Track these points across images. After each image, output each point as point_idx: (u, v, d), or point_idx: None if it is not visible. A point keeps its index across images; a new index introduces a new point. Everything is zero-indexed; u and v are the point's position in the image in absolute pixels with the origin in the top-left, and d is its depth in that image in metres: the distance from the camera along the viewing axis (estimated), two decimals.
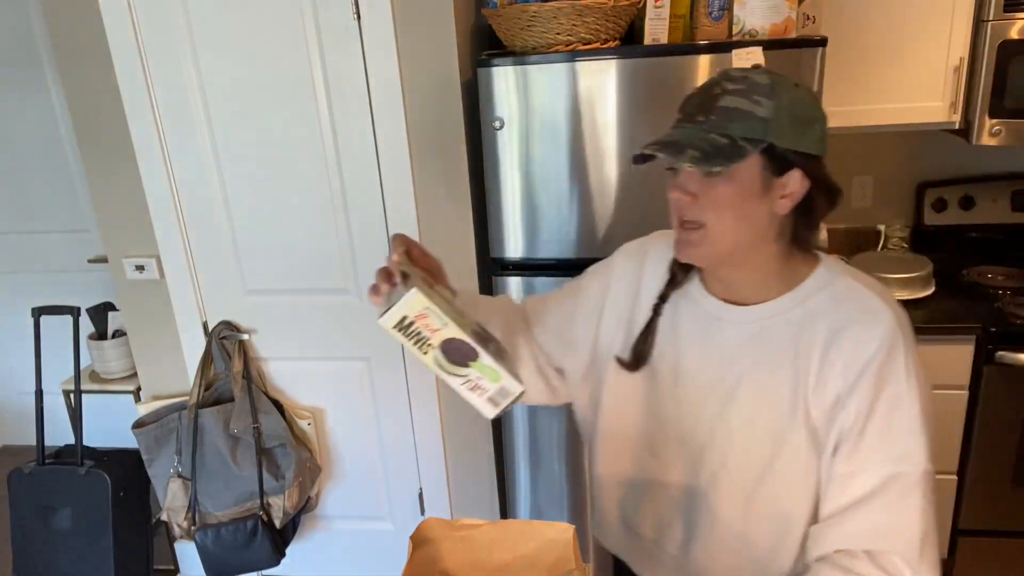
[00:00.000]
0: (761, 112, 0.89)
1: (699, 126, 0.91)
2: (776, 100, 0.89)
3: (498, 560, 0.82)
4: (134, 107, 2.00)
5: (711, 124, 0.90)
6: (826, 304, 0.97)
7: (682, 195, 0.93)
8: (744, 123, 0.89)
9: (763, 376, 0.98)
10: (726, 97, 0.91)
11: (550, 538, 0.81)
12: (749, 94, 0.90)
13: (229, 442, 2.12)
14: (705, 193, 0.92)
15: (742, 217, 0.93)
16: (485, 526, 0.83)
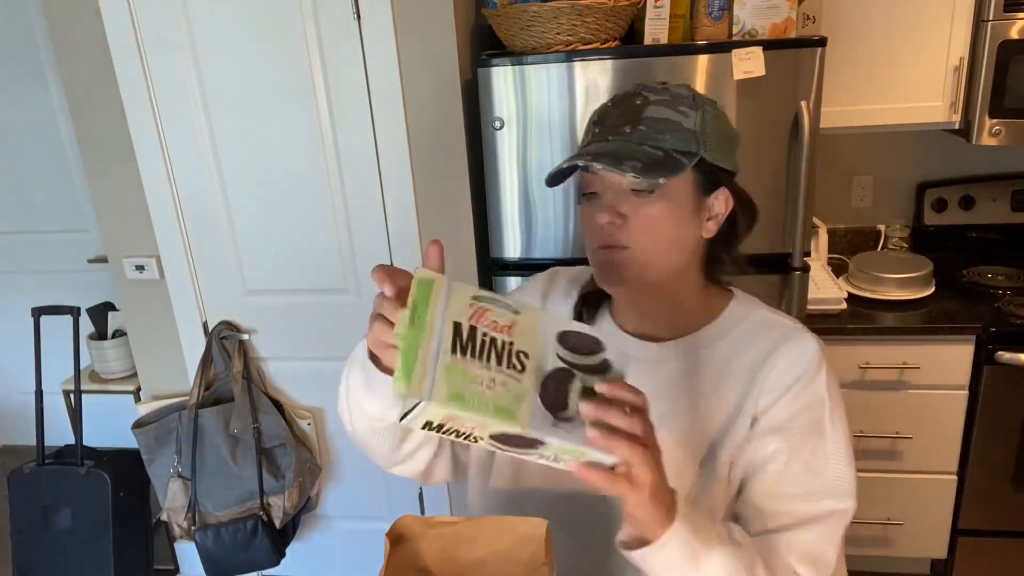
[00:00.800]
0: (688, 123, 0.84)
1: (627, 138, 0.84)
2: (700, 112, 0.85)
3: (474, 556, 0.83)
4: (134, 107, 2.00)
5: (641, 135, 0.83)
6: (748, 336, 0.92)
7: (613, 217, 0.84)
8: (675, 134, 0.83)
9: (683, 419, 0.90)
10: (651, 107, 0.84)
11: (524, 533, 0.81)
12: (674, 104, 0.84)
13: (229, 442, 2.12)
14: (636, 214, 0.84)
15: (674, 240, 0.87)
16: (461, 523, 0.83)
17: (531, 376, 0.65)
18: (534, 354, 0.66)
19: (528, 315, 0.67)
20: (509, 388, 0.64)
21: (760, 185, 1.78)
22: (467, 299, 0.66)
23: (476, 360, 0.63)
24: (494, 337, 0.65)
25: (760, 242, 1.84)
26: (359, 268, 2.09)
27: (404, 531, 0.83)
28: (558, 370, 0.66)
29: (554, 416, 0.65)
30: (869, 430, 2.14)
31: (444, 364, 0.62)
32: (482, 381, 0.63)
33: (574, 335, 0.68)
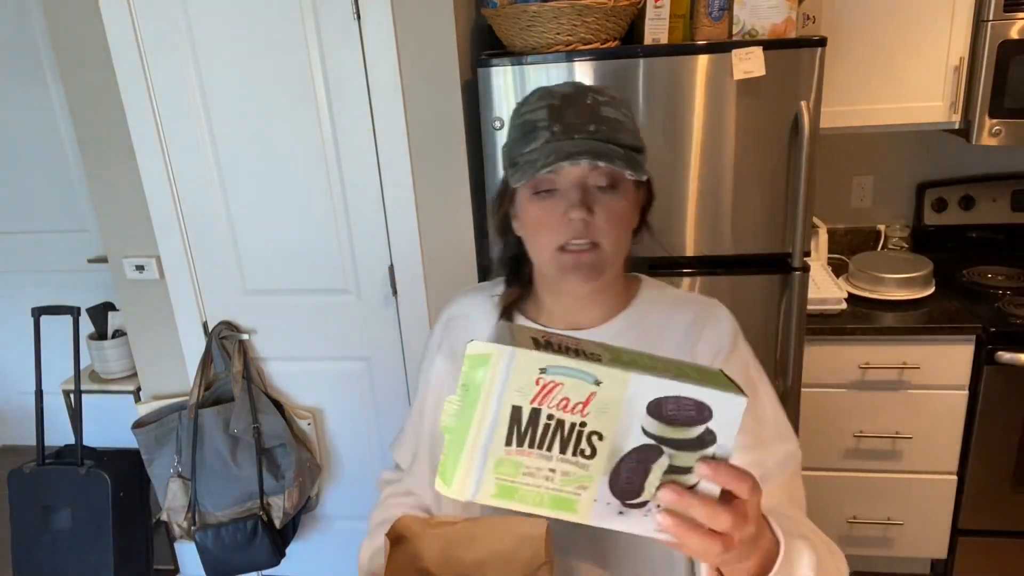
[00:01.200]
0: (630, 124, 0.88)
1: (593, 136, 0.84)
2: (631, 112, 0.89)
3: (474, 556, 0.83)
4: (134, 107, 2.00)
5: (604, 134, 0.85)
6: (667, 312, 0.98)
7: (586, 214, 0.85)
8: (626, 134, 0.86)
9: None
10: (602, 107, 0.86)
11: (524, 533, 0.81)
12: (616, 105, 0.87)
13: (229, 442, 2.12)
14: (604, 210, 0.87)
15: (628, 234, 0.92)
16: (461, 523, 0.83)
17: (602, 461, 0.56)
18: (610, 433, 0.56)
19: (612, 384, 0.54)
20: (572, 477, 0.56)
21: (760, 185, 1.78)
22: (533, 372, 0.54)
23: (535, 449, 0.56)
24: (561, 420, 0.55)
25: (760, 242, 1.84)
26: (359, 268, 2.09)
27: (404, 531, 0.83)
28: (640, 448, 0.56)
29: (622, 503, 0.57)
30: (869, 430, 2.14)
31: (495, 458, 0.55)
32: (539, 473, 0.56)
33: (672, 402, 0.55)
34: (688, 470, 0.57)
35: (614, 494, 0.56)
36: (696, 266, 1.86)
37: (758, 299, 1.86)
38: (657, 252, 1.76)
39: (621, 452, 0.56)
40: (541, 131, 0.86)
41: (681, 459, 0.56)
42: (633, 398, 0.55)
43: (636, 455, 0.56)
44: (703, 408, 0.55)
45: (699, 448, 0.56)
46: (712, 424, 0.56)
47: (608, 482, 0.56)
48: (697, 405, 0.55)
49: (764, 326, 1.88)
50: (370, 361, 2.19)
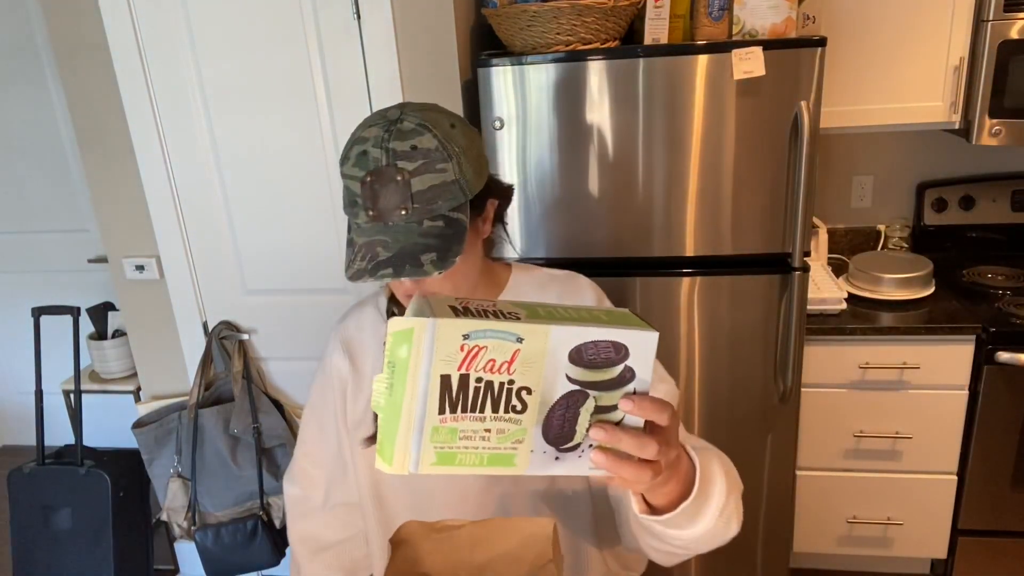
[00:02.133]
0: (449, 177, 0.85)
1: (407, 220, 0.85)
2: (455, 159, 0.86)
3: (480, 558, 0.82)
4: (134, 107, 2.00)
5: (418, 213, 0.84)
6: (539, 291, 1.05)
7: (412, 288, 0.91)
8: (445, 197, 0.85)
9: None
10: (413, 180, 0.84)
11: (530, 533, 0.81)
12: (431, 166, 0.85)
13: (229, 442, 2.12)
14: (438, 284, 0.91)
15: (475, 271, 0.97)
16: (467, 526, 0.83)
17: (533, 414, 0.59)
18: (538, 386, 0.58)
19: (534, 339, 0.57)
20: (507, 434, 0.58)
21: (760, 185, 1.78)
22: (457, 340, 0.55)
23: (468, 413, 0.57)
24: (489, 380, 0.57)
25: (760, 242, 1.84)
26: None
27: (407, 536, 0.82)
28: (567, 395, 0.59)
29: (557, 449, 0.60)
30: (869, 430, 2.14)
31: (431, 427, 0.56)
32: (475, 435, 0.58)
33: (591, 347, 0.58)
34: (613, 408, 0.60)
35: (548, 442, 0.59)
36: (696, 266, 1.86)
37: (758, 299, 1.86)
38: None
39: (550, 402, 0.58)
40: (360, 209, 0.86)
41: (606, 399, 0.60)
42: (555, 349, 0.57)
43: (564, 402, 0.59)
44: (620, 348, 0.58)
45: (621, 386, 0.59)
46: (630, 361, 0.59)
47: (541, 432, 0.59)
48: (614, 346, 0.58)
49: (764, 326, 1.88)
50: None
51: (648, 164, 1.77)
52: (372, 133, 0.86)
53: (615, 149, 1.79)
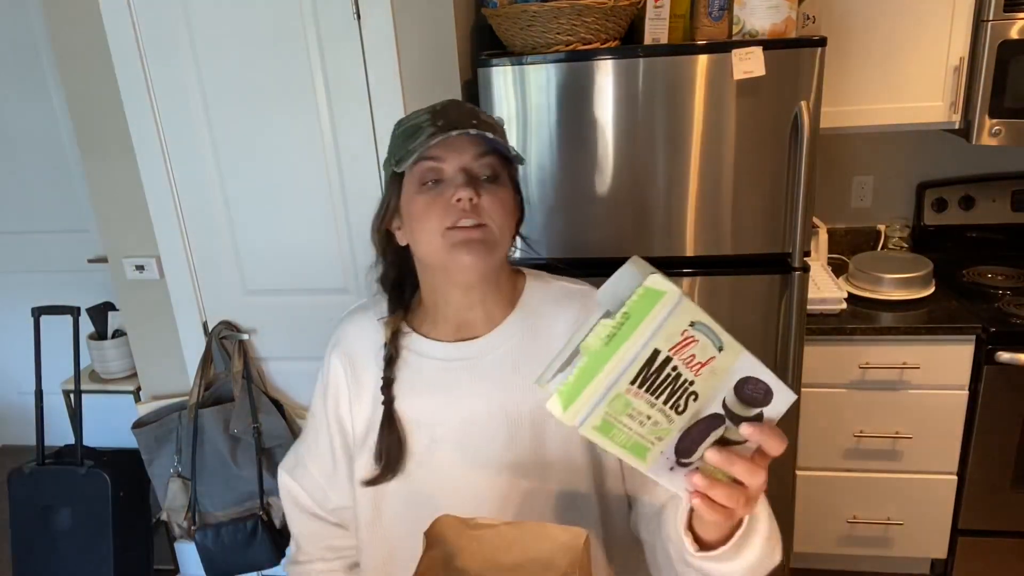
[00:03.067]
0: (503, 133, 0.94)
1: (478, 130, 0.88)
2: (501, 122, 0.97)
3: (512, 560, 0.82)
4: (134, 107, 2.00)
5: (486, 127, 0.90)
6: (556, 307, 0.99)
7: (472, 195, 0.88)
8: (503, 137, 0.92)
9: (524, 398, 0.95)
10: (481, 114, 0.93)
11: (563, 542, 0.81)
12: (492, 121, 0.94)
13: (229, 442, 2.12)
14: (489, 195, 0.91)
15: (513, 224, 0.95)
16: (501, 526, 0.83)
17: (685, 418, 0.61)
18: (704, 396, 0.60)
19: (729, 354, 0.59)
20: (659, 427, 0.60)
21: (760, 185, 1.78)
22: (685, 323, 0.57)
23: (647, 394, 0.59)
24: (680, 373, 0.59)
25: (760, 242, 1.84)
26: (359, 268, 2.09)
27: (443, 530, 0.83)
28: (713, 415, 0.61)
29: (677, 461, 0.62)
30: (869, 430, 2.14)
31: (615, 393, 0.58)
32: (638, 416, 0.59)
33: (754, 382, 0.61)
34: (737, 442, 0.63)
35: (676, 451, 0.61)
36: (696, 266, 1.86)
37: (758, 299, 1.86)
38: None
39: (701, 415, 0.61)
40: (425, 128, 0.90)
41: (733, 432, 0.62)
42: (736, 370, 0.60)
43: (708, 421, 0.61)
44: (769, 393, 0.61)
45: None
46: (768, 409, 0.62)
47: (676, 440, 0.61)
48: (767, 390, 0.61)
49: (764, 326, 1.88)
50: None
51: (648, 164, 1.77)
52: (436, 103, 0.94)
53: (615, 149, 1.79)
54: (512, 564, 0.82)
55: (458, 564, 0.82)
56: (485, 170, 0.91)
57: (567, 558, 0.80)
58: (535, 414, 0.95)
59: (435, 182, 0.91)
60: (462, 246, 0.89)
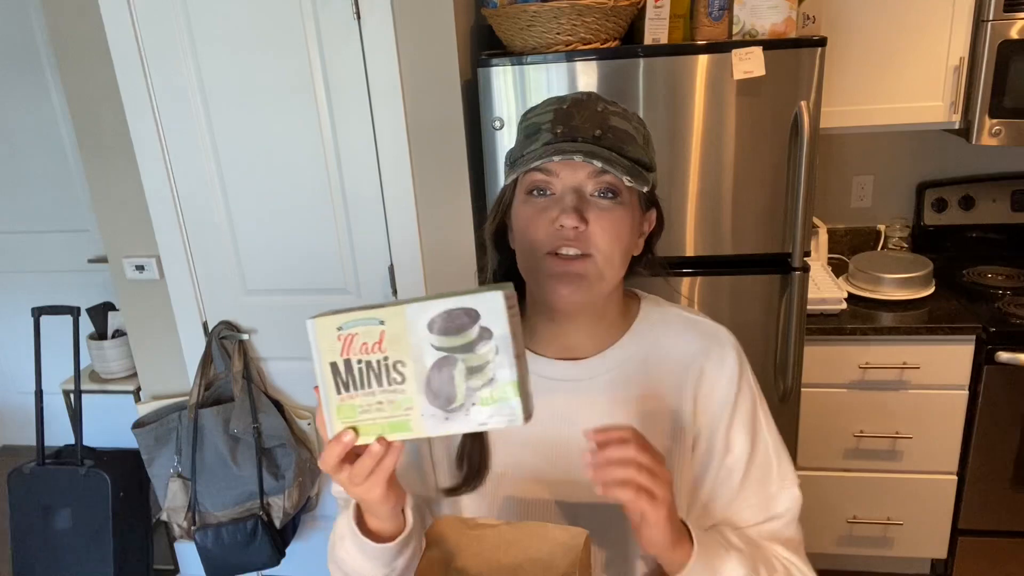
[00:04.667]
0: (639, 140, 0.84)
1: (598, 142, 0.81)
2: (645, 129, 0.85)
3: (511, 560, 0.82)
4: (134, 107, 2.00)
5: (610, 141, 0.81)
6: (672, 337, 0.93)
7: (579, 222, 0.80)
8: (633, 147, 0.83)
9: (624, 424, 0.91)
10: (612, 117, 0.82)
11: (563, 542, 0.81)
12: (627, 118, 0.84)
13: (229, 442, 2.12)
14: (600, 221, 0.82)
15: (626, 250, 0.85)
16: (501, 526, 0.83)
17: (412, 382, 0.67)
18: (409, 358, 0.66)
19: (393, 319, 0.66)
20: (397, 403, 0.67)
21: (760, 185, 1.78)
22: (333, 332, 0.68)
23: (360, 391, 0.67)
24: (368, 360, 0.66)
25: (760, 242, 1.84)
26: (359, 268, 2.09)
27: (443, 530, 0.83)
28: (437, 362, 0.66)
29: (444, 411, 0.67)
30: (869, 430, 2.14)
31: (334, 407, 0.68)
32: (371, 408, 0.67)
33: (442, 317, 0.65)
34: (483, 367, 0.66)
35: (435, 406, 0.67)
36: (696, 266, 1.86)
37: (758, 299, 1.86)
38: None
39: (425, 371, 0.66)
40: (544, 132, 0.83)
41: (472, 359, 0.66)
42: (413, 324, 0.65)
43: (437, 368, 0.66)
44: (471, 312, 0.65)
45: (481, 344, 0.66)
46: (483, 322, 0.65)
47: (426, 398, 0.67)
48: (466, 312, 0.65)
49: (764, 326, 1.88)
50: None
51: None
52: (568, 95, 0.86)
53: None
54: (512, 564, 0.82)
55: (458, 564, 0.82)
56: (600, 187, 0.82)
57: (567, 558, 0.80)
58: None
59: (541, 191, 0.84)
60: (560, 278, 0.83)
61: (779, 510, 0.93)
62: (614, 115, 0.83)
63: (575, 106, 0.83)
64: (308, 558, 2.45)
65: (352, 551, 0.83)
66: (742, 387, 0.93)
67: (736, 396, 0.92)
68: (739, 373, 0.93)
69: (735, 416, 0.91)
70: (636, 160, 0.83)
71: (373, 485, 0.72)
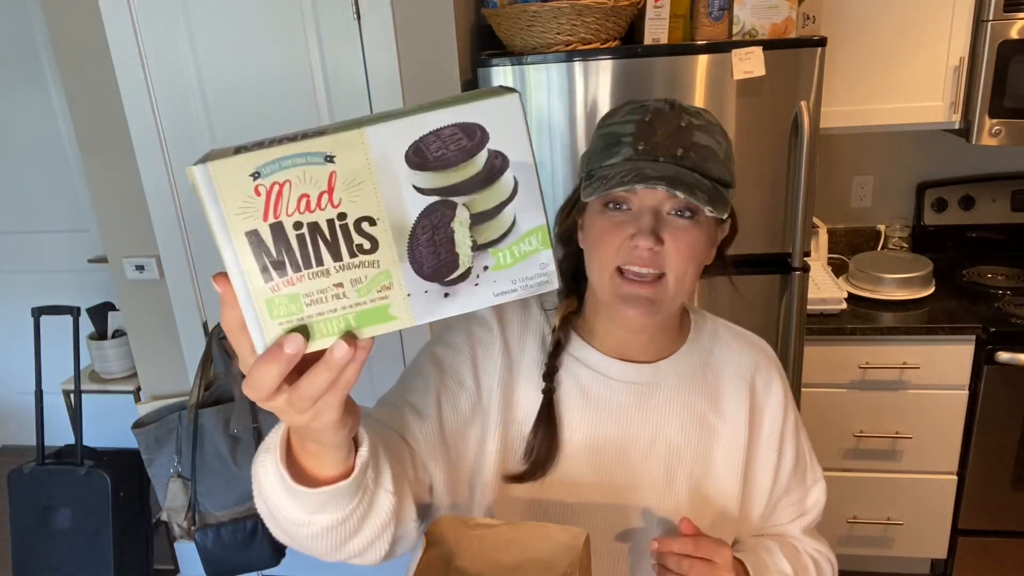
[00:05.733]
0: (721, 153, 0.82)
1: (679, 162, 0.79)
2: (727, 141, 0.83)
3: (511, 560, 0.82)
4: (134, 107, 2.00)
5: (692, 161, 0.79)
6: (724, 349, 0.96)
7: (655, 244, 0.79)
8: (716, 164, 0.81)
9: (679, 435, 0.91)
10: (696, 132, 0.80)
11: (562, 542, 0.80)
12: (711, 132, 0.81)
13: (229, 442, 2.12)
14: (675, 239, 0.80)
15: (698, 268, 0.84)
16: (501, 526, 0.83)
17: (388, 248, 0.45)
18: (381, 211, 0.44)
19: (348, 151, 0.43)
20: (367, 282, 0.45)
21: (760, 185, 1.78)
22: (246, 183, 0.43)
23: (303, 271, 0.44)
24: (313, 222, 0.43)
25: (760, 242, 1.84)
26: None
27: (443, 530, 0.82)
28: (425, 212, 0.45)
29: (442, 284, 0.46)
30: (869, 430, 2.14)
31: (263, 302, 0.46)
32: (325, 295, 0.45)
33: (432, 140, 0.43)
34: (497, 210, 0.45)
35: (427, 278, 0.46)
36: None
37: (758, 299, 1.86)
38: None
39: (408, 227, 0.45)
40: (624, 146, 0.80)
41: (480, 202, 0.45)
42: (382, 158, 0.43)
43: (427, 222, 0.45)
44: (472, 130, 0.44)
45: (493, 179, 0.45)
46: (492, 144, 0.44)
47: (412, 269, 0.46)
48: (463, 129, 0.43)
49: (764, 326, 1.88)
50: (369, 361, 2.19)
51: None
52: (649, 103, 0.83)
53: None
54: (512, 564, 0.81)
55: (458, 564, 0.82)
56: (679, 207, 0.81)
57: (567, 558, 0.79)
58: (698, 452, 0.91)
59: (618, 206, 0.82)
60: (629, 300, 0.81)
61: (810, 504, 1.00)
62: (698, 130, 0.81)
63: (657, 118, 0.81)
64: (308, 558, 2.43)
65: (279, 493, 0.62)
66: (788, 400, 0.96)
67: (785, 409, 0.96)
68: (786, 387, 0.97)
69: (785, 430, 0.95)
70: (717, 179, 0.81)
71: (325, 408, 0.51)
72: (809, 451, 1.00)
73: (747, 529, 0.96)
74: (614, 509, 0.90)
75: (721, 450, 0.92)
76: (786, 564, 0.92)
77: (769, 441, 0.94)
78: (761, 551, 0.93)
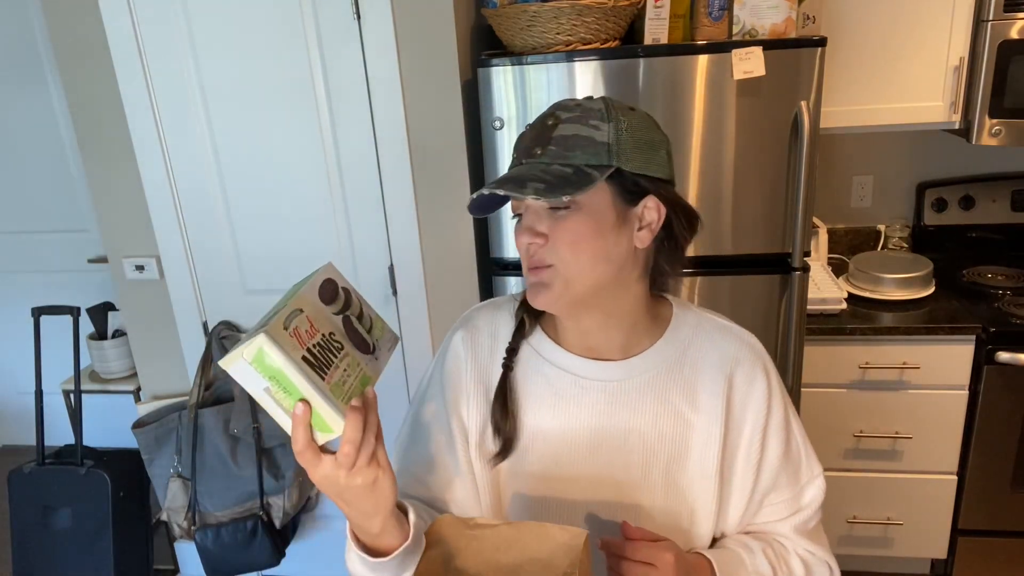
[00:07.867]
0: (600, 136, 0.83)
1: (538, 160, 0.84)
2: (615, 123, 0.84)
3: (511, 560, 0.82)
4: (134, 107, 2.00)
5: (551, 155, 0.83)
6: (706, 341, 0.95)
7: (533, 238, 0.85)
8: (586, 150, 0.83)
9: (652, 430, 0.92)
10: (561, 126, 0.84)
11: (562, 542, 0.81)
12: (584, 119, 0.84)
13: (229, 442, 2.12)
14: (555, 231, 0.84)
15: (599, 254, 0.85)
16: (501, 526, 0.83)
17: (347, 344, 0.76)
18: (331, 329, 0.75)
19: (306, 303, 0.74)
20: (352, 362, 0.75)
21: (760, 185, 1.78)
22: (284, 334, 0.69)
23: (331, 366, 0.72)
24: (317, 342, 0.72)
25: (760, 242, 1.84)
26: (359, 268, 2.09)
27: (443, 530, 0.83)
28: (342, 323, 0.78)
29: (371, 355, 0.79)
30: (869, 430, 2.14)
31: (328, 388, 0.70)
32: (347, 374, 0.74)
33: (322, 288, 0.79)
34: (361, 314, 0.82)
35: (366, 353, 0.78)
36: (696, 266, 1.86)
37: (758, 299, 1.86)
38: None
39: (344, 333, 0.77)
40: (514, 154, 0.90)
41: (354, 311, 0.81)
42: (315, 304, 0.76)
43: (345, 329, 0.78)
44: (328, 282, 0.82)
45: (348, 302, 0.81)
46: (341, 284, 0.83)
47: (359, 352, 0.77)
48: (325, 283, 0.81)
49: (764, 326, 1.88)
50: None
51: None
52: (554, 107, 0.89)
53: None
54: (512, 564, 0.81)
55: (458, 564, 0.82)
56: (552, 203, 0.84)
57: (567, 558, 0.80)
58: (673, 446, 0.92)
59: (517, 214, 0.90)
60: (531, 290, 0.88)
61: (805, 501, 0.97)
62: (566, 122, 0.84)
63: (532, 127, 0.88)
64: (308, 558, 2.45)
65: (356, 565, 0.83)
66: (774, 395, 0.95)
67: (770, 404, 0.94)
68: (772, 379, 0.95)
69: (769, 425, 0.94)
70: (582, 165, 0.83)
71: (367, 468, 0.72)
72: (805, 448, 0.98)
73: (727, 525, 0.96)
74: (589, 504, 0.94)
75: (697, 444, 0.92)
76: (765, 564, 0.92)
77: (751, 436, 0.93)
78: (740, 549, 0.93)
